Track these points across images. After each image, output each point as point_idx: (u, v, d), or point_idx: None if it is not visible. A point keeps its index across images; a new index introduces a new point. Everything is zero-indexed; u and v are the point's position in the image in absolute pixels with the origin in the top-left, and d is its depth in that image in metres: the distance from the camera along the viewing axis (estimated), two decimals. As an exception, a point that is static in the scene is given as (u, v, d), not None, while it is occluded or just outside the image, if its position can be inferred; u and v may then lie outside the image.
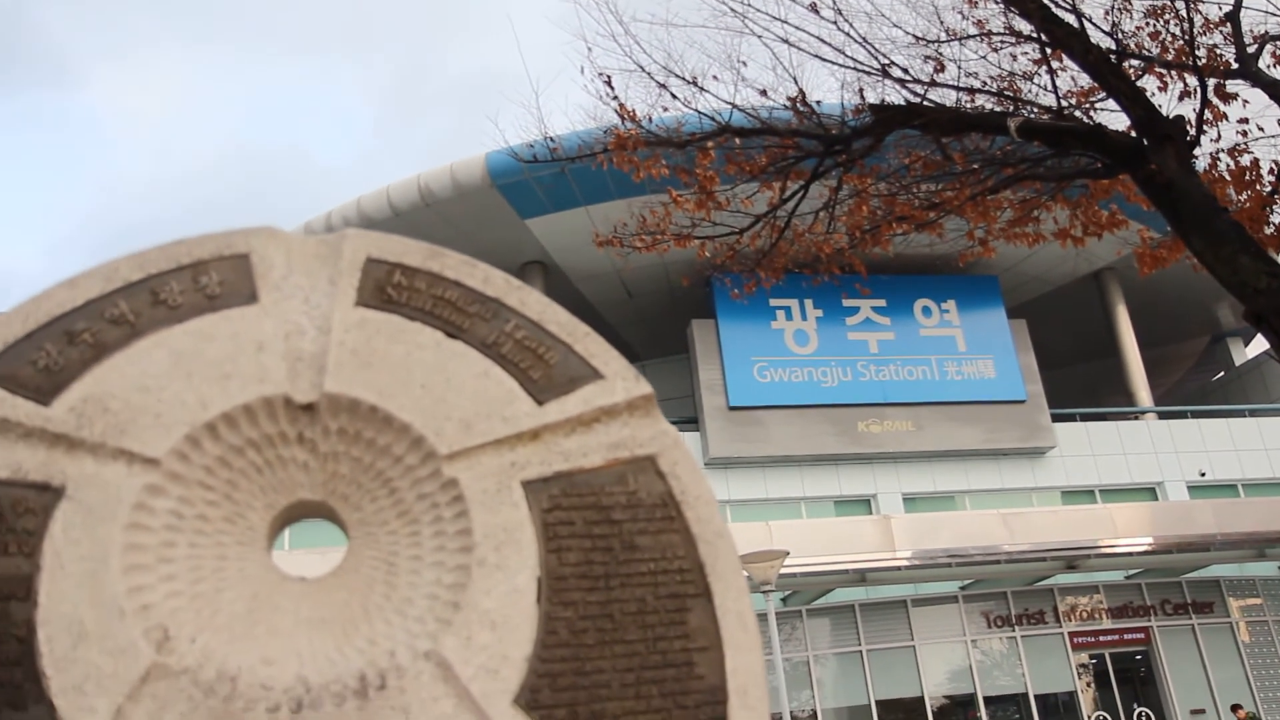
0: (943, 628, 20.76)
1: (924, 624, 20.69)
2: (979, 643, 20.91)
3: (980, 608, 20.93)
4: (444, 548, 2.26)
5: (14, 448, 2.15)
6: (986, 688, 20.50)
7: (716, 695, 2.22)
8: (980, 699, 20.27)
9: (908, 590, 20.62)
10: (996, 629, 20.87)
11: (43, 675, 1.97)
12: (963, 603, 20.86)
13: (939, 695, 20.57)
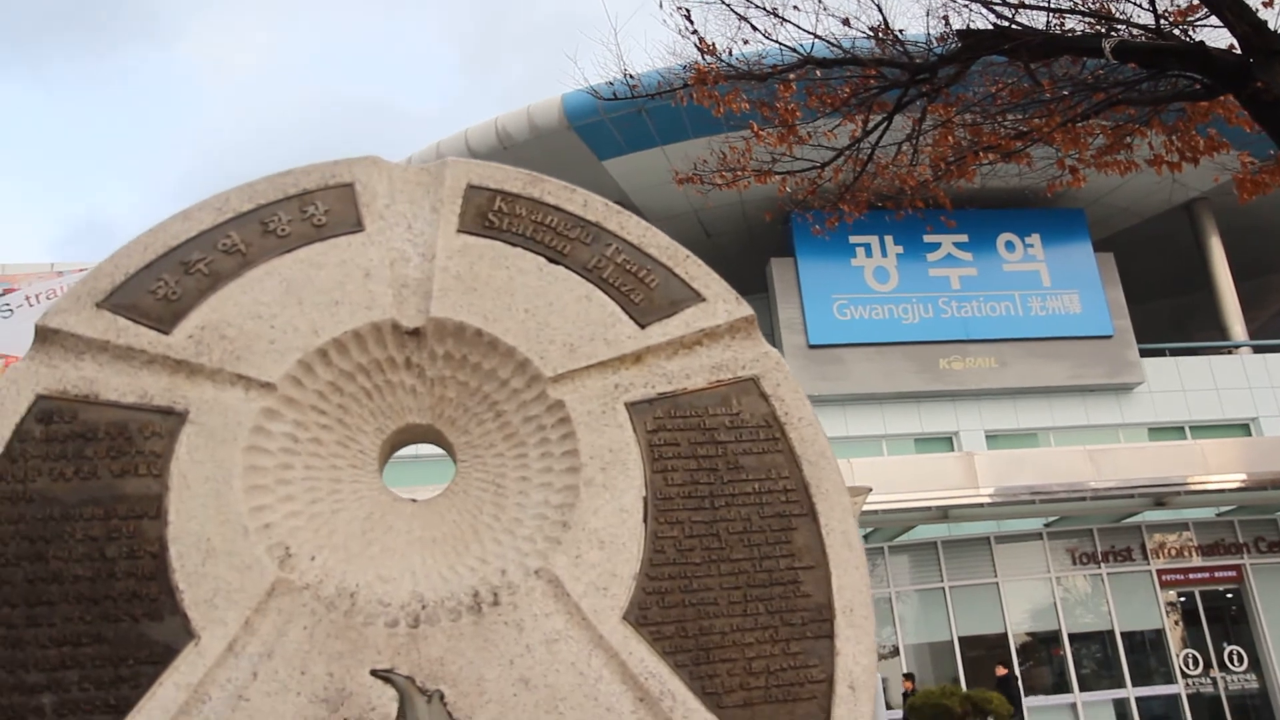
0: (1026, 565, 20.56)
1: (1007, 561, 20.50)
2: (1064, 580, 20.68)
3: (1065, 545, 20.65)
4: (551, 469, 2.29)
5: (139, 374, 2.22)
6: (1071, 625, 20.31)
7: (823, 613, 2.24)
8: (1065, 636, 20.08)
9: (990, 527, 20.41)
10: (1082, 566, 20.61)
11: (176, 589, 2.06)
12: (1047, 540, 20.60)
13: (1022, 632, 20.44)
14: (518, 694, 2.05)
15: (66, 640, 2.02)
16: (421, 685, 2.03)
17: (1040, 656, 20.81)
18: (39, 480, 2.12)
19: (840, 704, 2.18)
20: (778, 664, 2.18)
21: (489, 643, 2.08)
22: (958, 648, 20.02)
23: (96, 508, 2.11)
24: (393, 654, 2.05)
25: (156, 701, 1.98)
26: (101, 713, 1.97)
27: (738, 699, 2.14)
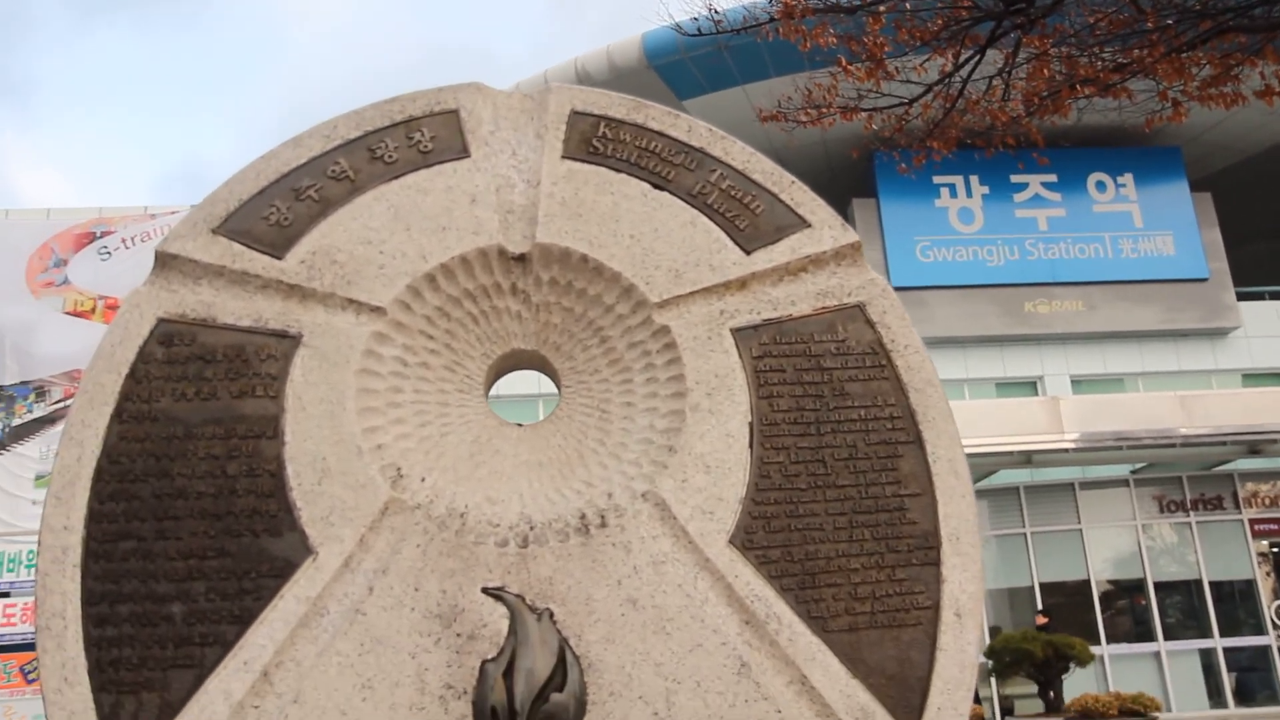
0: (1111, 512, 20.18)
1: (1091, 507, 20.15)
2: (1150, 528, 20.28)
3: (1152, 492, 20.21)
4: (656, 394, 2.30)
5: (253, 299, 2.28)
6: (1157, 573, 19.94)
7: (929, 540, 2.23)
8: (1150, 584, 19.75)
9: (1075, 473, 20.07)
10: (1169, 514, 20.16)
11: (294, 506, 2.12)
12: (1134, 486, 20.17)
13: (1105, 580, 20.16)
14: (625, 614, 2.08)
15: (193, 553, 2.09)
16: (531, 603, 2.07)
17: (1123, 605, 20.52)
18: (162, 400, 2.19)
19: (946, 631, 2.17)
20: (883, 590, 2.18)
21: (597, 564, 2.11)
22: (1038, 594, 19.82)
23: (217, 427, 2.17)
24: (503, 573, 2.09)
25: (278, 613, 2.05)
26: (227, 622, 2.05)
27: (843, 624, 2.15)
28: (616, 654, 2.06)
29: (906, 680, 2.13)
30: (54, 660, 2.03)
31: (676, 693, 2.04)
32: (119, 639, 2.04)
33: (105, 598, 2.06)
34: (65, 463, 2.15)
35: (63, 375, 18.64)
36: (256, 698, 2.01)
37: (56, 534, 2.09)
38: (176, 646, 2.04)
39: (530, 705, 1.98)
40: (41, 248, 19.38)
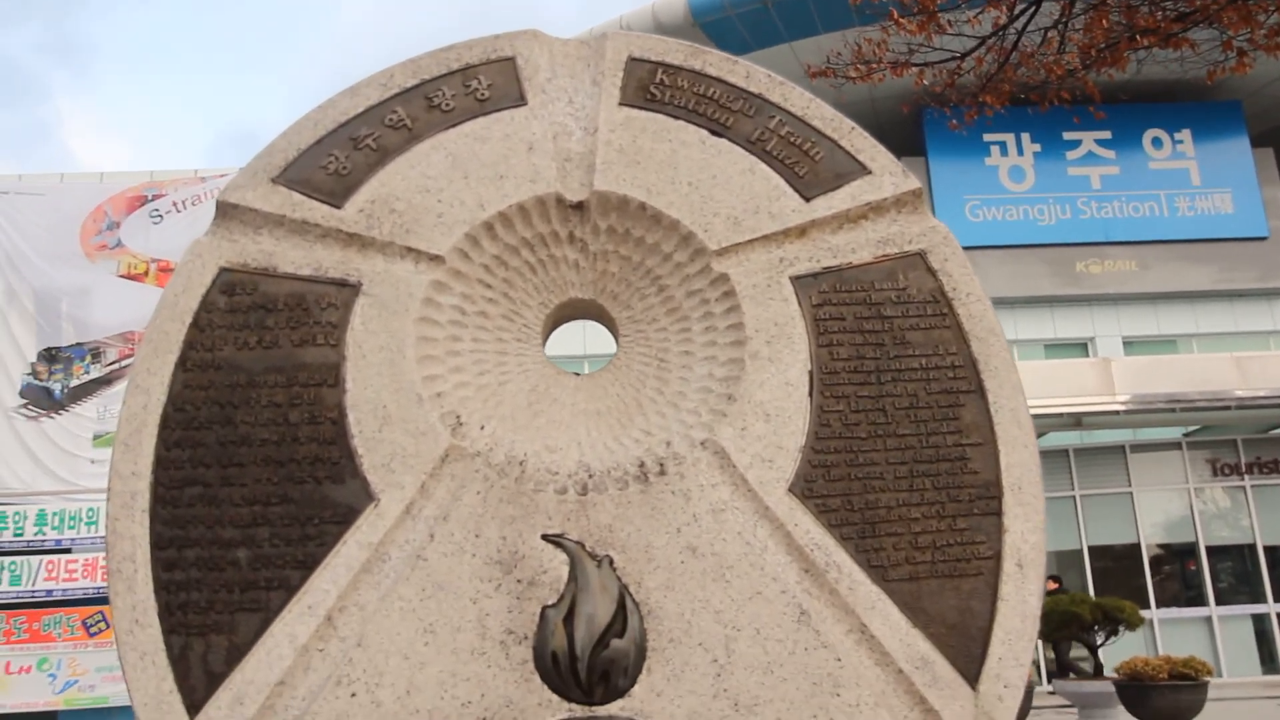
0: (1163, 475, 19.90)
1: (1143, 470, 19.88)
2: (1202, 491, 19.97)
3: (1205, 455, 19.89)
4: (715, 342, 2.29)
5: (313, 248, 2.28)
6: (1209, 538, 19.67)
7: (990, 490, 2.20)
8: (1202, 548, 19.50)
9: (1126, 435, 19.81)
10: (1223, 477, 19.84)
11: (355, 453, 2.13)
12: (1186, 449, 19.86)
13: (1155, 544, 19.94)
14: (685, 561, 2.08)
15: (257, 499, 2.12)
16: (591, 550, 2.08)
17: (1173, 569, 20.30)
18: (225, 349, 2.21)
19: (1008, 581, 2.15)
20: (944, 540, 2.16)
21: (656, 511, 2.11)
22: (1087, 557, 19.66)
23: (279, 375, 2.19)
24: (563, 520, 2.10)
25: (341, 559, 2.07)
26: (291, 567, 2.08)
27: (903, 573, 2.13)
28: (676, 601, 2.06)
29: (967, 630, 2.11)
30: (125, 603, 2.07)
31: (736, 640, 2.04)
32: (187, 583, 2.08)
33: (173, 542, 2.09)
34: (132, 410, 2.19)
35: (117, 337, 18.97)
36: (321, 641, 2.03)
37: (125, 480, 2.13)
38: (242, 591, 2.07)
39: (591, 650, 2.00)
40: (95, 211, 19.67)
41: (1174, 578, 20.26)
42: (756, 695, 2.02)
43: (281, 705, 2.01)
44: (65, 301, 19.58)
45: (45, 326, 19.42)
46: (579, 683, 1.99)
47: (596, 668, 1.99)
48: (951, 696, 2.07)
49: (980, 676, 2.09)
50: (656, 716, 2.00)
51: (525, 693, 2.00)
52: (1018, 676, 2.10)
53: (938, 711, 2.05)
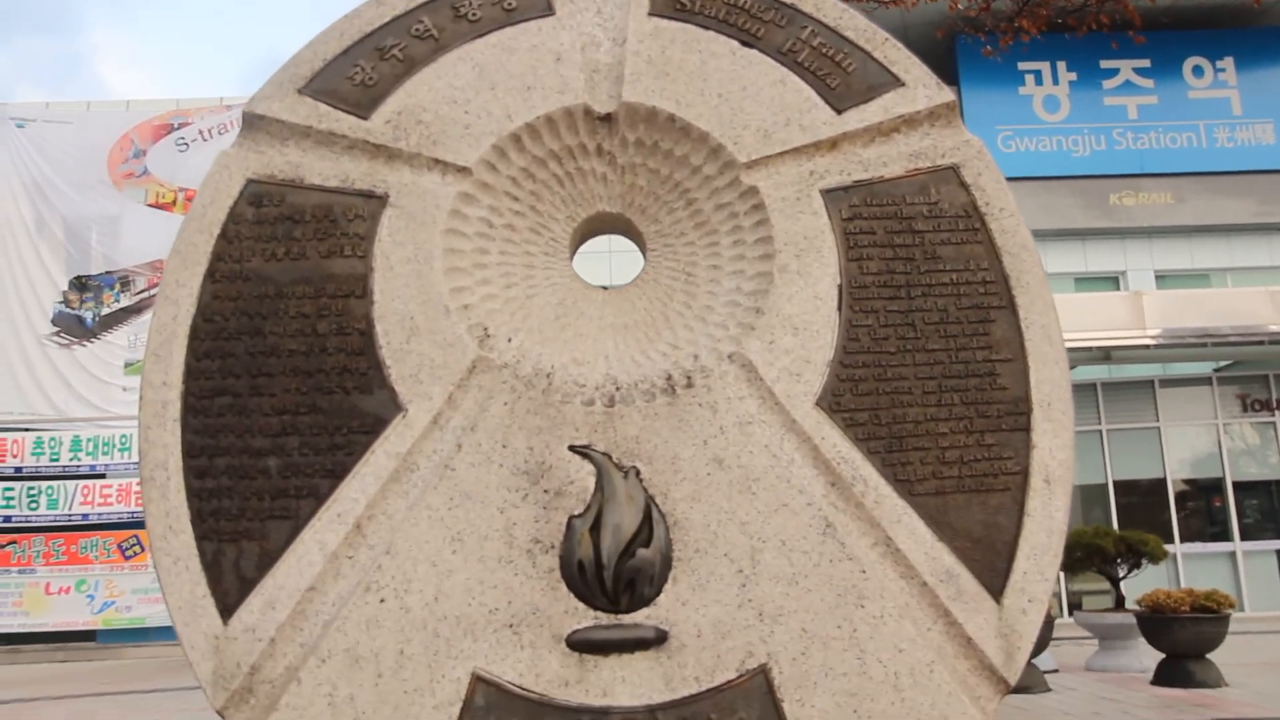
0: (1191, 410, 19.77)
1: (1171, 405, 19.75)
2: (1231, 427, 19.86)
3: (1235, 390, 19.71)
4: (743, 256, 2.27)
5: (339, 159, 2.27)
6: (1236, 473, 19.60)
7: (1019, 406, 2.19)
8: (1229, 484, 19.44)
9: (1155, 370, 19.66)
10: (1253, 413, 19.69)
11: (383, 364, 2.14)
12: (1216, 385, 19.69)
13: (1181, 479, 19.89)
14: (711, 473, 2.09)
15: (286, 409, 2.14)
16: (618, 461, 2.08)
17: (1199, 505, 20.25)
18: (253, 260, 2.22)
19: (1034, 496, 2.14)
20: (971, 455, 2.16)
21: (683, 423, 2.11)
22: (1112, 492, 19.64)
23: (307, 286, 2.20)
24: (590, 431, 2.10)
25: (370, 468, 2.09)
26: (321, 476, 2.10)
27: (930, 487, 2.13)
28: (702, 512, 2.07)
29: (993, 545, 2.12)
30: (158, 509, 2.10)
31: (761, 551, 2.06)
32: (218, 490, 2.10)
33: (204, 451, 2.12)
34: (162, 321, 2.20)
35: (146, 266, 19.12)
36: (350, 549, 2.06)
37: (156, 390, 2.15)
38: (273, 499, 2.10)
39: (617, 560, 2.01)
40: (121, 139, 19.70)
41: (1199, 513, 20.23)
42: (781, 606, 2.03)
43: (312, 610, 2.04)
44: (95, 230, 19.71)
45: (75, 255, 19.58)
46: (605, 591, 2.01)
47: (622, 577, 2.01)
48: (975, 610, 2.07)
49: (1005, 590, 2.09)
50: (681, 625, 2.02)
51: (552, 600, 2.03)
52: (1042, 591, 2.10)
53: (961, 624, 2.06)
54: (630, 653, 2.01)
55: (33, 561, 18.50)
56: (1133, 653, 12.07)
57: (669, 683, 2.01)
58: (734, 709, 2.00)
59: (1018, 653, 2.07)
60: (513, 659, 2.01)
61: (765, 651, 2.02)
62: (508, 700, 1.99)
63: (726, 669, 2.01)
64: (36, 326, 19.32)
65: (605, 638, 2.01)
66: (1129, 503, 19.55)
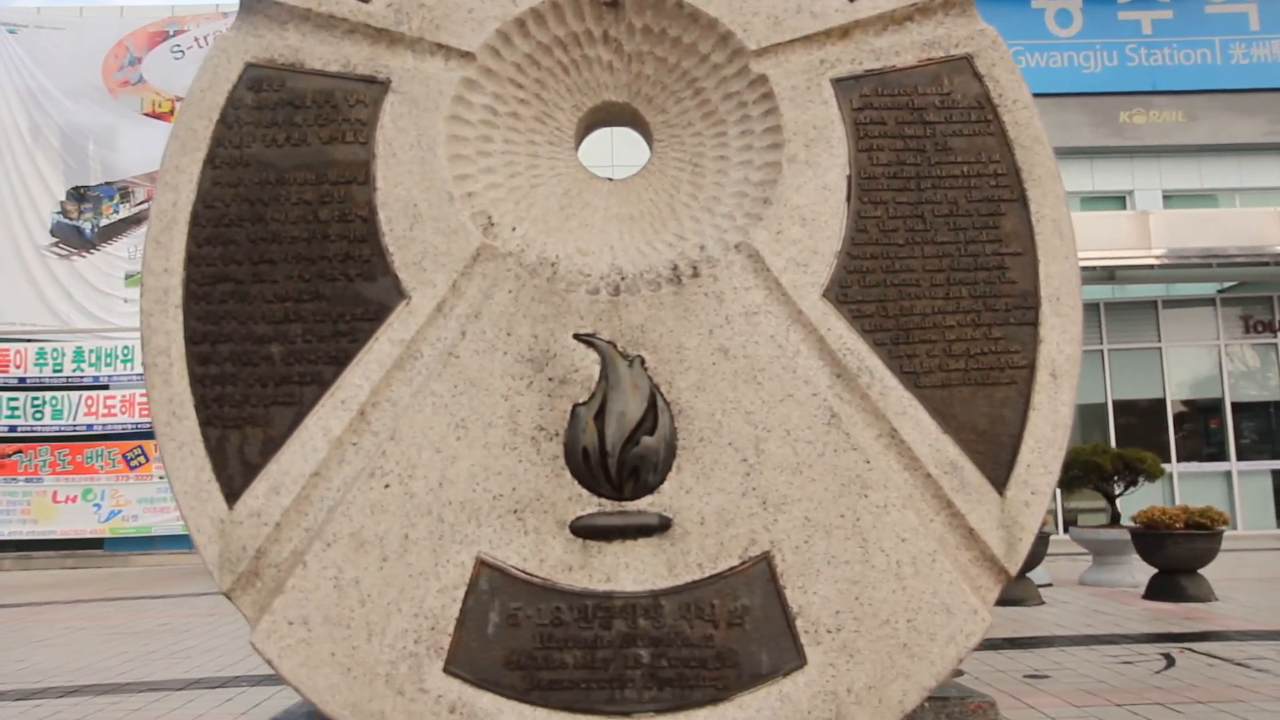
0: (1194, 331, 19.76)
1: (1173, 326, 19.74)
2: (1232, 348, 19.88)
3: (1239, 312, 19.66)
4: (751, 146, 2.23)
5: (340, 43, 2.22)
6: (1236, 394, 19.67)
7: (1028, 300, 2.17)
8: (1227, 405, 19.52)
9: (1159, 291, 19.62)
10: (1255, 334, 19.68)
11: (386, 252, 2.12)
12: (1219, 306, 19.67)
13: (1180, 400, 19.96)
14: (717, 363, 2.08)
15: (289, 296, 2.12)
16: (622, 350, 2.07)
17: (1197, 426, 20.36)
18: (254, 146, 2.18)
19: (1040, 390, 2.14)
20: (978, 348, 2.14)
21: (688, 313, 2.09)
22: (1111, 411, 19.72)
23: (308, 173, 2.16)
24: (594, 320, 2.09)
25: (373, 355, 2.08)
26: (324, 363, 2.09)
27: (935, 380, 2.12)
28: (707, 401, 2.06)
29: (998, 437, 2.12)
30: (161, 395, 2.10)
31: (766, 440, 2.06)
32: (221, 377, 2.10)
33: (206, 337, 2.11)
34: (161, 207, 2.17)
35: (145, 177, 18.95)
36: (354, 435, 2.06)
37: (157, 276, 2.13)
38: (276, 385, 2.09)
39: (621, 447, 2.01)
40: (116, 46, 19.38)
41: (1197, 434, 20.34)
42: (785, 494, 2.04)
43: (317, 495, 2.05)
44: (91, 140, 19.51)
45: (72, 165, 19.40)
46: (609, 478, 2.02)
47: (626, 464, 2.01)
48: (978, 501, 2.08)
49: (1008, 483, 2.10)
50: (685, 513, 2.03)
51: (556, 487, 2.04)
52: (1045, 484, 2.11)
53: (964, 515, 2.07)
54: (634, 539, 2.02)
55: (39, 471, 18.69)
56: (1126, 568, 12.24)
57: (672, 569, 2.02)
58: (736, 595, 2.02)
59: (1019, 544, 2.08)
60: (517, 544, 2.02)
61: (768, 539, 2.03)
62: (512, 584, 2.01)
63: (729, 556, 2.03)
64: (36, 237, 19.24)
65: (609, 524, 2.02)
66: (1128, 423, 19.65)
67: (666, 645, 2.00)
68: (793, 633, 2.01)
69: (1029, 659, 7.84)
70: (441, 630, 1.99)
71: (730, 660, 2.00)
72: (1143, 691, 6.74)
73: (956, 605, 2.03)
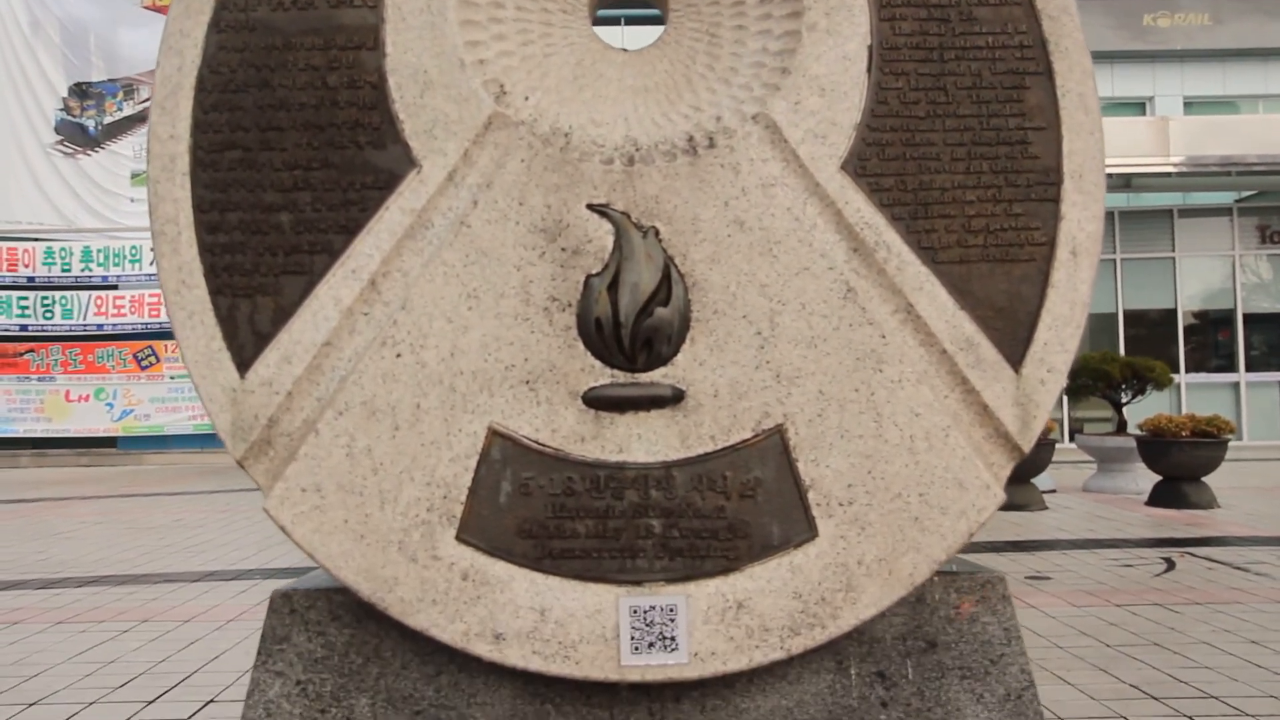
0: (1209, 241, 19.56)
1: (1188, 236, 19.53)
2: (1246, 259, 19.72)
3: (1255, 222, 19.43)
4: (770, 15, 2.16)
5: (346, -99, 2.15)
6: (1248, 306, 19.58)
7: (1050, 176, 2.12)
8: (1239, 316, 19.44)
9: (1175, 199, 19.38)
10: (1271, 245, 19.46)
11: (397, 119, 2.08)
12: (1236, 215, 19.44)
13: (1192, 311, 19.88)
14: (732, 235, 2.05)
15: (297, 165, 2.08)
16: (637, 221, 2.04)
17: (1207, 338, 20.30)
18: (259, 9, 2.13)
19: (1060, 268, 2.11)
20: (998, 224, 2.11)
21: (704, 184, 2.06)
22: (1121, 321, 19.67)
23: (315, 37, 2.11)
24: (608, 190, 2.05)
25: (384, 224, 2.06)
26: (334, 232, 2.06)
27: (954, 255, 2.09)
28: (721, 274, 2.04)
29: (1015, 314, 2.09)
30: (170, 264, 2.08)
31: (780, 314, 2.03)
32: (231, 245, 2.07)
33: (215, 205, 2.08)
34: (166, 73, 2.13)
35: (147, 74, 18.67)
36: (365, 305, 2.05)
37: (164, 143, 2.09)
38: (286, 254, 2.07)
39: (634, 318, 1.99)
40: (117, -64, 18.96)
41: (1206, 346, 20.29)
42: (799, 368, 2.03)
43: (328, 365, 2.04)
44: (92, 35, 19.20)
45: (74, 61, 19.13)
46: (622, 349, 2.00)
47: (639, 335, 2.00)
48: (993, 378, 2.07)
49: (1024, 360, 2.08)
50: (698, 385, 2.02)
51: (568, 358, 2.02)
52: (1062, 362, 2.09)
53: (979, 392, 2.06)
54: (646, 411, 2.02)
55: (51, 370, 18.82)
56: (1130, 475, 12.33)
57: (684, 441, 2.02)
58: (749, 468, 2.02)
59: (1033, 422, 2.07)
60: (529, 414, 2.01)
61: (781, 412, 2.02)
62: (524, 454, 2.01)
63: (742, 429, 2.02)
64: (40, 134, 19.06)
65: (622, 395, 2.01)
66: (1137, 334, 19.61)
67: (678, 516, 2.01)
68: (804, 505, 2.01)
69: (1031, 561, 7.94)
70: (454, 499, 2.00)
71: (741, 532, 2.01)
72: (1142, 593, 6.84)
73: (969, 480, 2.03)
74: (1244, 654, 5.28)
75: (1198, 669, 4.98)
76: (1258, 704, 4.47)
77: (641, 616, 1.98)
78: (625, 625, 1.98)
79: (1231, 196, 19.61)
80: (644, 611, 1.98)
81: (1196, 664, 5.07)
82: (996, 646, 2.14)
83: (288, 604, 2.14)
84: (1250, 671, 4.96)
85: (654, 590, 2.00)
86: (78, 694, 4.73)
